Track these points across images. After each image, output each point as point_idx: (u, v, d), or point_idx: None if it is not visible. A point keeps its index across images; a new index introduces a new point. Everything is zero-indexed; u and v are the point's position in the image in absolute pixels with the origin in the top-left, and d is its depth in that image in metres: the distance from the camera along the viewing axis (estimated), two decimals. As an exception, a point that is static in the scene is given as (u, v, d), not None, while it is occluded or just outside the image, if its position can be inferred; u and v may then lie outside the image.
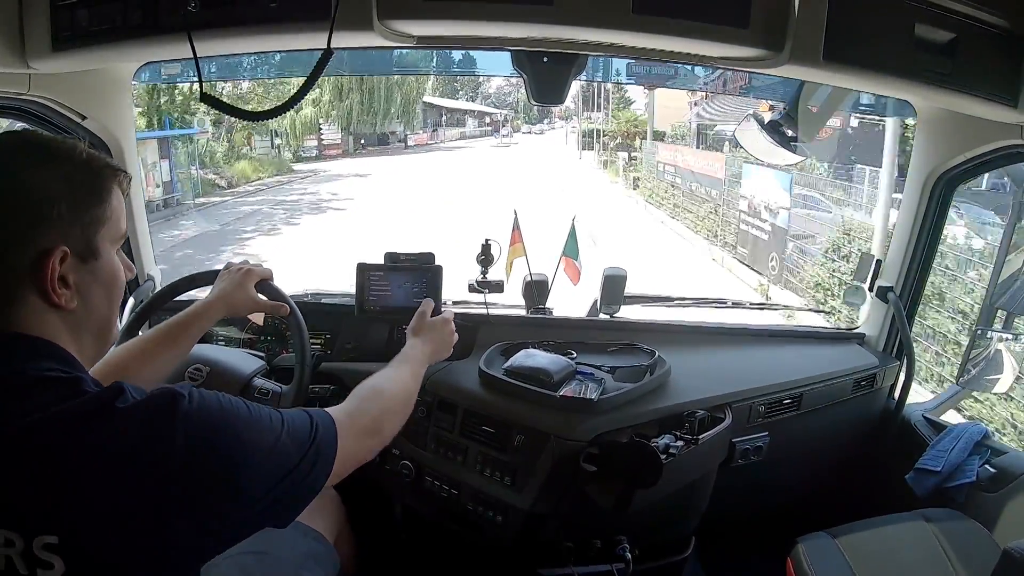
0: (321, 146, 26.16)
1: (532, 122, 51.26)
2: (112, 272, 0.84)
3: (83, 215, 0.79)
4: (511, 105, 49.51)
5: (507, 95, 49.99)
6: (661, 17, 1.12)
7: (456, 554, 1.75)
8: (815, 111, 1.61)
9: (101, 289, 0.82)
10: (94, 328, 0.83)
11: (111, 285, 0.84)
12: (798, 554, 1.54)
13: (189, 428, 0.72)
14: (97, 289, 0.81)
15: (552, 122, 52.59)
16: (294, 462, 0.81)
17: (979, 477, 1.64)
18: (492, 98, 50.62)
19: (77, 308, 0.78)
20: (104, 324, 0.85)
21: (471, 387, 1.64)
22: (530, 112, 51.48)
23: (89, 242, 0.79)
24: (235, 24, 1.15)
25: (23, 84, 1.37)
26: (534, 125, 50.37)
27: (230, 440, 0.75)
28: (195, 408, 0.73)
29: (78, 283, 0.78)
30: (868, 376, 1.90)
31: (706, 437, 1.50)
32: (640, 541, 1.62)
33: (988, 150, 1.59)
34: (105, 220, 0.81)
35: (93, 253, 0.80)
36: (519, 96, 48.46)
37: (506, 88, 48.13)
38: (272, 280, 1.44)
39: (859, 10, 1.13)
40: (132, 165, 1.78)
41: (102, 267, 0.82)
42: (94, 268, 0.81)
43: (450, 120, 40.47)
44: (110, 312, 0.85)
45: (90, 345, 0.83)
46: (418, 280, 1.79)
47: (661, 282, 5.84)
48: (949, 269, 5.38)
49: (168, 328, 1.24)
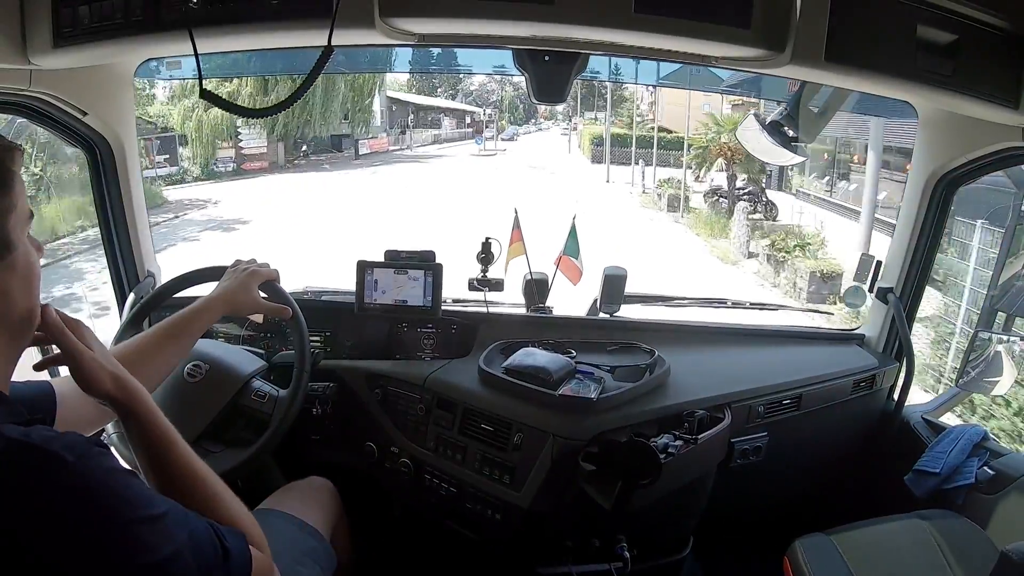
0: (240, 157, 20.22)
1: (519, 122, 46.20)
2: (28, 262, 0.78)
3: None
4: (495, 103, 44.48)
5: (491, 92, 45.25)
6: (663, 17, 1.12)
7: (455, 552, 1.75)
8: (816, 111, 1.61)
9: (20, 282, 0.77)
10: (16, 324, 0.77)
11: (29, 275, 0.78)
12: (796, 554, 1.54)
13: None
14: (16, 283, 0.76)
15: (538, 122, 48.43)
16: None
17: (978, 479, 1.64)
18: (474, 95, 45.54)
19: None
20: (27, 316, 0.79)
21: (470, 385, 1.64)
22: (516, 111, 46.91)
23: (2, 235, 0.74)
24: (236, 21, 1.15)
25: (24, 80, 1.37)
26: (520, 126, 45.25)
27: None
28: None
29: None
30: (867, 377, 1.90)
31: (705, 437, 1.50)
32: (639, 540, 1.62)
33: (989, 152, 1.59)
34: (13, 207, 0.75)
35: (7, 246, 0.74)
36: (504, 94, 44.73)
37: (490, 84, 43.41)
38: (278, 281, 1.43)
39: (861, 11, 1.13)
40: (134, 162, 1.78)
41: (18, 259, 0.76)
42: (12, 262, 0.75)
43: (421, 120, 35.18)
44: (32, 303, 0.80)
45: (9, 343, 0.78)
46: (419, 277, 1.80)
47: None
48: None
49: (170, 325, 1.23)
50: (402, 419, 1.70)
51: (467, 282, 1.89)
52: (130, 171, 1.78)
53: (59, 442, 0.68)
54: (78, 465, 0.67)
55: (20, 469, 0.65)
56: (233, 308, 1.33)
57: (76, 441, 0.69)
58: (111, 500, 0.68)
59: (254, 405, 1.51)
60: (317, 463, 1.71)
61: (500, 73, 1.61)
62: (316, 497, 1.52)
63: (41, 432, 0.69)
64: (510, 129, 41.52)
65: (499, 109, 45.12)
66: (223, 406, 1.50)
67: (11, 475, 0.65)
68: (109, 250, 1.85)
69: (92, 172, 1.76)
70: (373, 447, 1.72)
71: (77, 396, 1.05)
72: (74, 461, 0.66)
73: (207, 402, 1.49)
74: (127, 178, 1.78)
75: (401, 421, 1.70)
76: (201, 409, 1.48)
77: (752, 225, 12.59)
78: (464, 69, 1.92)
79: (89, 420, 1.09)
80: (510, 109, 46.96)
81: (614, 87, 27.00)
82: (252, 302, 1.35)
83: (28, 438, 0.67)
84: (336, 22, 1.08)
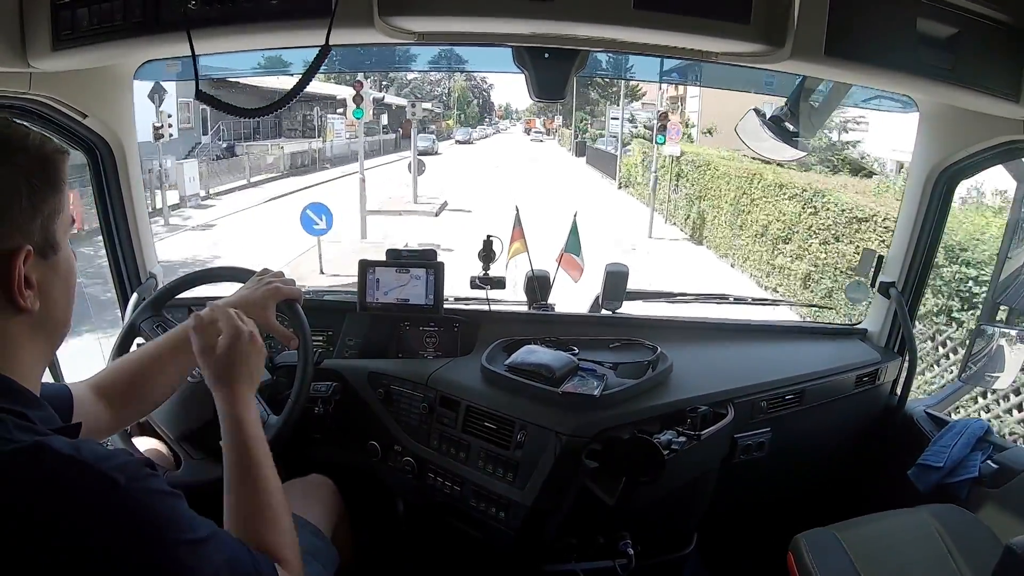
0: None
1: (471, 124, 36.55)
2: (70, 265, 0.80)
3: (42, 207, 0.74)
4: (439, 97, 35.05)
5: (436, 83, 35.91)
6: (662, 13, 1.12)
7: (458, 550, 1.75)
8: (816, 106, 1.60)
9: (62, 284, 0.79)
10: (51, 329, 0.79)
11: (69, 278, 0.80)
12: (800, 549, 1.54)
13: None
14: (58, 285, 0.78)
15: (494, 122, 40.84)
16: None
17: (981, 473, 1.64)
18: (412, 86, 35.81)
19: (39, 309, 0.74)
20: (63, 322, 0.81)
21: (473, 383, 1.64)
22: (467, 107, 37.38)
23: (49, 236, 0.75)
24: (235, 21, 1.15)
25: (24, 83, 1.37)
26: (474, 129, 35.67)
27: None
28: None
29: (41, 282, 0.74)
30: (870, 372, 1.90)
31: (708, 433, 1.50)
32: (642, 537, 1.62)
33: (990, 145, 1.58)
34: (61, 209, 0.77)
35: (53, 247, 0.76)
36: (453, 84, 35.87)
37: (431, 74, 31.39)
38: (300, 302, 1.36)
39: (860, 5, 1.13)
40: (134, 164, 1.78)
41: (61, 261, 0.78)
42: (54, 264, 0.77)
43: (265, 128, 21.93)
44: (68, 308, 0.81)
45: (45, 346, 0.79)
46: (420, 276, 1.80)
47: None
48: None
49: (182, 333, 1.19)
50: (405, 417, 1.70)
51: (469, 280, 1.89)
52: (131, 173, 1.78)
53: (110, 462, 0.68)
54: (128, 488, 0.67)
55: (70, 487, 0.65)
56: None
57: (127, 463, 0.70)
58: (157, 523, 0.69)
59: None
60: (319, 461, 1.71)
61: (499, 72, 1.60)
62: (317, 495, 1.52)
63: (93, 449, 0.69)
64: (463, 131, 34.74)
65: (444, 103, 36.41)
66: (212, 415, 1.45)
67: (60, 493, 0.65)
68: (111, 251, 1.85)
69: (93, 174, 1.76)
70: (376, 445, 1.72)
71: (93, 402, 1.06)
72: (125, 484, 0.67)
73: (198, 406, 1.43)
74: (128, 180, 1.78)
75: (404, 420, 1.70)
76: (190, 411, 1.43)
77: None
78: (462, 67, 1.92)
79: (104, 427, 1.09)
80: (460, 104, 38.07)
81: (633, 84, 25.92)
82: (265, 321, 1.26)
83: (79, 454, 0.67)
84: (335, 21, 1.08)
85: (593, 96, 33.61)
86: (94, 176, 1.77)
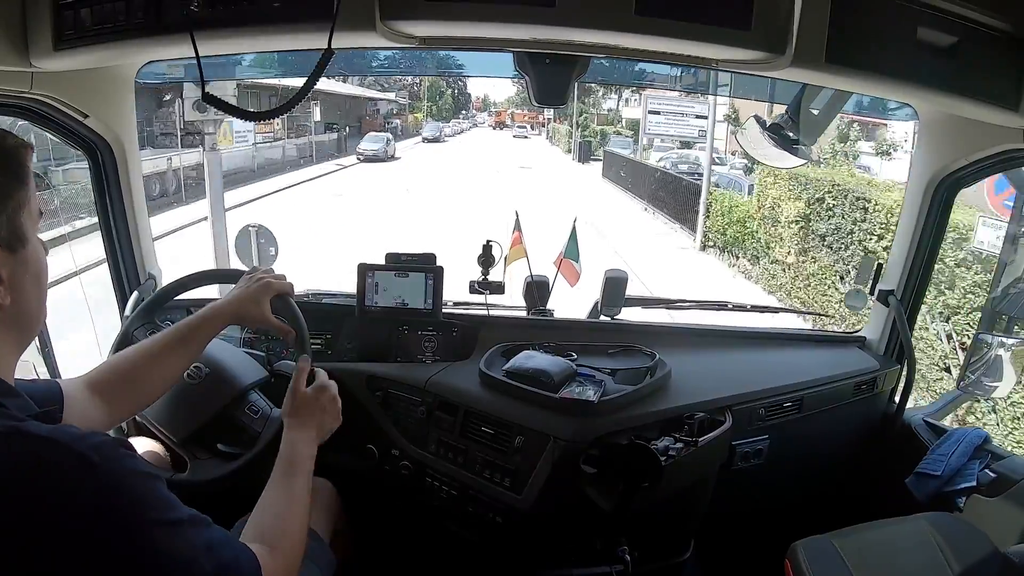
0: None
1: (444, 117, 32.10)
2: (39, 258, 0.80)
3: (7, 201, 0.74)
4: (409, 89, 30.32)
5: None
6: (663, 19, 1.12)
7: (455, 555, 1.75)
8: (817, 114, 1.61)
9: (31, 279, 0.78)
10: (23, 323, 0.79)
11: (39, 271, 0.80)
12: (797, 556, 1.53)
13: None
14: (28, 280, 0.77)
15: (471, 115, 37.34)
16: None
17: (979, 481, 1.64)
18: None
19: (10, 304, 0.74)
20: (34, 317, 0.81)
21: (471, 388, 1.64)
22: (439, 98, 32.39)
23: (15, 229, 0.75)
24: (237, 24, 1.15)
25: (25, 83, 1.38)
26: (446, 122, 31.51)
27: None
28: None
29: (10, 276, 0.74)
30: (869, 380, 1.90)
31: (706, 440, 1.50)
32: (640, 543, 1.61)
33: (989, 154, 1.58)
34: (27, 201, 0.77)
35: (21, 240, 0.76)
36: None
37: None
38: (291, 295, 1.39)
39: (861, 13, 1.13)
40: (135, 164, 1.78)
41: (30, 254, 0.78)
42: (23, 257, 0.76)
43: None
44: (40, 301, 0.81)
45: (15, 341, 0.79)
46: (419, 280, 1.80)
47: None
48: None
49: (178, 330, 1.23)
50: (403, 422, 1.70)
51: (467, 285, 1.89)
52: (131, 173, 1.78)
53: (85, 442, 0.68)
54: (104, 466, 0.68)
55: (45, 467, 0.66)
56: (240, 319, 1.33)
57: (103, 442, 0.70)
58: (132, 502, 0.69)
59: (245, 419, 1.48)
60: (317, 464, 1.70)
61: (500, 77, 1.61)
62: (315, 498, 1.51)
63: (68, 430, 0.69)
64: (432, 126, 29.75)
65: (414, 95, 30.81)
66: (215, 413, 1.47)
67: (36, 473, 0.65)
68: (110, 252, 1.85)
69: (93, 174, 1.77)
70: (374, 449, 1.71)
71: (87, 398, 1.07)
72: (100, 462, 0.67)
73: (201, 406, 1.47)
74: (128, 180, 1.78)
75: (402, 424, 1.70)
76: (194, 412, 1.46)
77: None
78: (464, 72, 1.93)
79: (98, 422, 1.09)
80: (431, 96, 32.76)
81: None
82: (260, 316, 1.32)
83: (54, 435, 0.68)
84: (337, 25, 1.09)
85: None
86: (94, 176, 1.77)
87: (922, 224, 1.82)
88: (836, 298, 7.46)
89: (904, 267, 1.88)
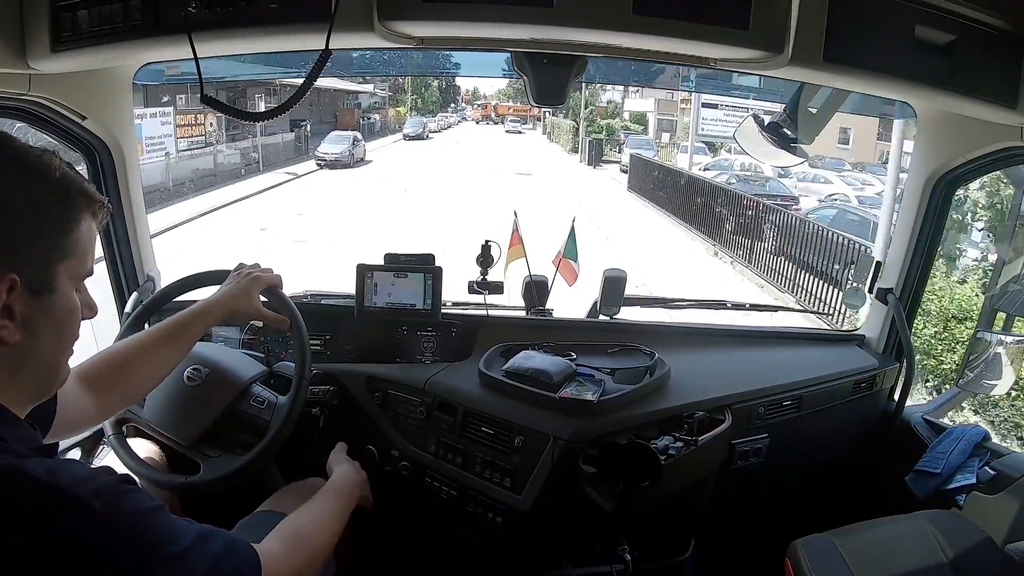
0: None
1: (430, 111, 29.50)
2: (67, 310, 0.77)
3: (43, 243, 0.72)
4: (392, 81, 27.03)
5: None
6: (661, 19, 1.12)
7: (455, 555, 1.75)
8: (815, 112, 1.61)
9: (51, 328, 0.76)
10: (37, 368, 0.76)
11: (64, 325, 0.78)
12: (797, 555, 1.54)
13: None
14: (46, 327, 0.75)
15: (459, 108, 35.12)
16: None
17: (979, 479, 1.64)
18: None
19: (20, 343, 0.72)
20: (50, 366, 0.78)
21: (471, 388, 1.64)
22: (424, 90, 29.57)
23: (45, 274, 0.73)
24: (235, 25, 1.15)
25: (23, 84, 1.37)
26: (431, 116, 28.52)
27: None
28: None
29: (25, 316, 0.71)
30: (868, 378, 1.90)
31: (706, 439, 1.49)
32: (640, 542, 1.61)
33: (988, 152, 1.59)
34: (68, 253, 0.75)
35: (47, 287, 0.74)
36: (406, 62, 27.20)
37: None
38: (280, 287, 1.41)
39: (858, 11, 1.13)
40: (133, 166, 1.78)
41: (55, 304, 0.75)
42: (47, 304, 0.74)
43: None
44: (58, 354, 0.79)
45: (30, 385, 0.77)
46: (418, 280, 1.80)
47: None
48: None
49: (170, 326, 1.23)
50: (402, 422, 1.70)
51: (467, 285, 1.89)
52: (129, 175, 1.78)
53: (87, 486, 0.67)
54: (104, 511, 0.66)
55: (44, 516, 0.64)
56: (232, 313, 1.33)
57: (104, 484, 0.69)
58: (138, 546, 0.68)
59: (253, 411, 1.49)
60: (318, 465, 1.70)
61: (499, 76, 1.58)
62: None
63: (69, 472, 0.68)
64: (414, 121, 26.84)
65: (397, 87, 27.24)
66: (221, 411, 1.49)
67: (34, 521, 0.63)
68: (108, 254, 1.85)
69: (91, 176, 1.76)
70: (373, 450, 1.71)
71: (78, 391, 1.07)
72: (101, 509, 0.66)
73: (205, 406, 1.48)
74: (126, 182, 1.78)
75: (401, 424, 1.70)
76: (199, 413, 1.47)
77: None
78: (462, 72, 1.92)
79: (89, 415, 1.10)
80: (416, 88, 29.41)
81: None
82: (252, 308, 1.34)
83: (54, 478, 0.66)
84: (335, 25, 1.08)
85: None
86: (92, 178, 1.76)
87: (921, 222, 1.82)
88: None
89: (903, 265, 1.88)
